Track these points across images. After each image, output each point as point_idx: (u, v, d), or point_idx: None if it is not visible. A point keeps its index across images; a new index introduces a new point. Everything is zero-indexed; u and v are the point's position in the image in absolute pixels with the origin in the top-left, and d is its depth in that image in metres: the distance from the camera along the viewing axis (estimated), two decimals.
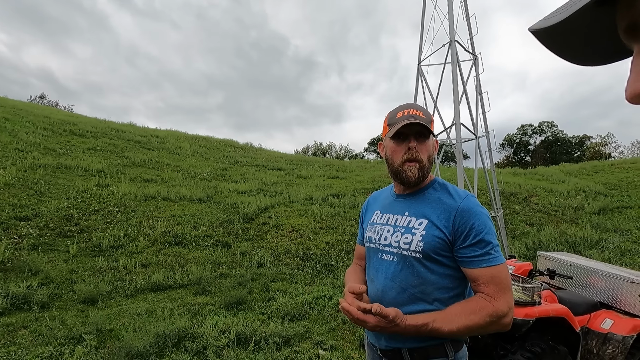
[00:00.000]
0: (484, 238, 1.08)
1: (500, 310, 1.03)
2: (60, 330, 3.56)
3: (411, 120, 1.14)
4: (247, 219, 8.02)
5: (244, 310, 4.48)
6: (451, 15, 8.08)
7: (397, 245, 1.19)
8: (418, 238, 1.14)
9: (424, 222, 1.16)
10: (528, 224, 9.43)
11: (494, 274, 1.06)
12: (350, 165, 16.95)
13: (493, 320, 1.02)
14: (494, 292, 1.05)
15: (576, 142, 37.49)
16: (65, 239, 5.80)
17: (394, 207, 1.28)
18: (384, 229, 1.25)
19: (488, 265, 1.07)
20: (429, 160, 1.20)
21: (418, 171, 1.18)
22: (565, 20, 0.32)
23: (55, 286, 4.55)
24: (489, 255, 1.07)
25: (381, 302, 1.21)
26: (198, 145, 15.53)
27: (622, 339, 2.71)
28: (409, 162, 1.18)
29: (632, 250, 7.32)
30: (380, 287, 1.22)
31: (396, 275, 1.18)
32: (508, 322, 1.05)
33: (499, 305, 1.03)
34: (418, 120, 1.15)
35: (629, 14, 0.31)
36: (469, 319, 1.03)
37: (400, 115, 1.20)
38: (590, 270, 3.21)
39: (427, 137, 1.19)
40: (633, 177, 12.80)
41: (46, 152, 9.26)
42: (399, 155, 1.20)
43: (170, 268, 5.56)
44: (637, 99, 0.32)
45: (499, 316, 1.03)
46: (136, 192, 8.12)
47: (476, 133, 8.33)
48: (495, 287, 1.05)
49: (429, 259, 1.13)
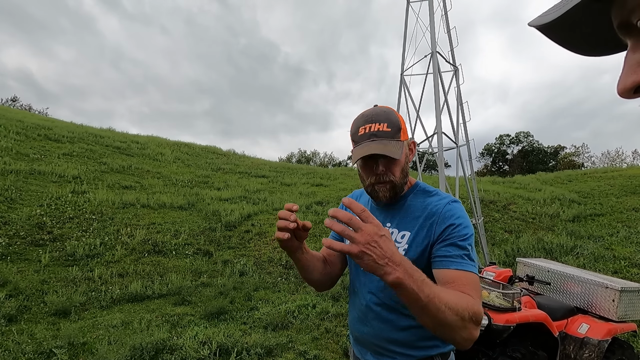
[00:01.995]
0: (464, 242, 1.01)
1: (480, 316, 0.89)
2: (29, 344, 3.37)
3: (373, 148, 1.03)
4: (230, 227, 7.89)
5: (225, 320, 4.38)
6: (432, 27, 8.30)
7: None
8: (401, 252, 1.03)
9: (407, 234, 1.09)
10: (507, 231, 9.67)
11: (474, 280, 0.97)
12: (334, 172, 17.01)
13: (472, 320, 0.87)
14: (476, 296, 0.93)
15: (551, 152, 38.96)
16: (37, 248, 5.53)
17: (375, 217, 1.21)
18: None
19: (467, 270, 0.97)
20: (402, 174, 1.11)
21: (390, 191, 1.10)
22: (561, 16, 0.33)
23: (25, 298, 4.33)
24: (465, 259, 0.99)
25: (365, 316, 1.15)
26: (180, 151, 15.26)
27: (598, 343, 2.78)
28: (378, 184, 1.10)
29: (605, 256, 7.60)
30: (365, 302, 1.16)
31: (379, 290, 1.12)
32: (476, 335, 0.90)
33: (480, 310, 0.91)
34: (380, 146, 1.03)
35: (620, 12, 0.31)
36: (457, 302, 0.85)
37: (362, 132, 1.07)
38: (567, 276, 3.30)
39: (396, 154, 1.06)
40: (604, 186, 13.37)
41: (18, 157, 8.88)
42: (367, 176, 1.12)
43: (148, 277, 5.38)
44: (628, 93, 0.32)
45: (477, 321, 0.88)
46: (114, 199, 7.87)
47: (457, 142, 8.53)
48: (475, 292, 0.94)
49: None
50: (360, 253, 0.75)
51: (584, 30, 0.35)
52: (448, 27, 9.09)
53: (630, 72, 0.31)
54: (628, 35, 0.32)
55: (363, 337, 1.18)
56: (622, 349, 3.03)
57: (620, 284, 3.09)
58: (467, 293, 0.92)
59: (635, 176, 13.69)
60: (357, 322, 1.20)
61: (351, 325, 1.25)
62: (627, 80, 0.31)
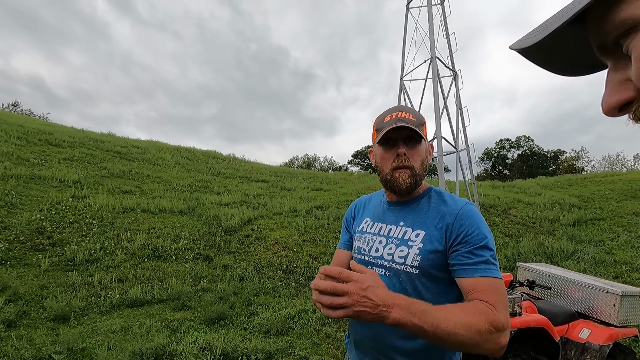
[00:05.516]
0: (485, 245, 0.98)
1: (501, 323, 0.87)
2: (28, 350, 3.35)
3: (398, 124, 1.05)
4: (230, 232, 7.87)
5: (225, 325, 4.36)
6: (432, 33, 8.36)
7: (390, 259, 1.08)
8: (415, 251, 1.04)
9: (421, 233, 1.06)
10: (507, 236, 9.65)
11: (494, 285, 0.94)
12: (334, 177, 17.02)
13: (492, 330, 0.85)
14: (495, 302, 0.90)
15: (551, 156, 39.01)
16: (37, 253, 5.53)
17: (386, 216, 1.17)
18: (375, 240, 1.15)
19: (487, 276, 0.94)
20: (422, 167, 1.10)
21: (410, 178, 1.07)
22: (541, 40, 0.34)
23: (24, 303, 4.31)
24: (487, 264, 0.96)
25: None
26: (180, 156, 15.28)
27: (599, 348, 2.77)
28: (399, 170, 1.08)
29: (606, 260, 7.58)
30: None
31: None
32: (504, 342, 0.88)
33: (500, 316, 0.87)
34: (406, 124, 1.05)
35: (597, 35, 0.33)
36: (468, 318, 0.84)
37: (388, 119, 1.09)
38: (568, 281, 3.30)
39: (418, 141, 1.09)
40: (604, 190, 13.37)
41: (19, 162, 8.90)
42: (388, 162, 1.10)
43: (148, 282, 5.37)
44: (613, 111, 0.33)
45: (499, 328, 0.86)
46: (114, 203, 7.87)
47: (457, 146, 8.55)
48: (496, 297, 0.91)
49: (426, 275, 1.03)
50: (355, 313, 0.77)
51: (563, 52, 0.36)
52: (447, 32, 9.16)
53: (613, 91, 0.33)
54: (607, 57, 0.34)
55: (363, 340, 1.16)
56: (624, 354, 3.01)
57: (621, 288, 3.08)
58: (485, 300, 0.91)
59: (636, 180, 13.69)
60: (357, 324, 1.18)
61: (351, 328, 1.23)
62: (611, 100, 0.33)
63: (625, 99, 0.32)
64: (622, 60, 0.32)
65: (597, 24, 0.32)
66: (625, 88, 0.32)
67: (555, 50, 0.36)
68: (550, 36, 0.33)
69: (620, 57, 0.32)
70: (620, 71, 0.32)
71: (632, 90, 0.31)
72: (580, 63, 0.38)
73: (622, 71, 0.32)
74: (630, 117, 0.33)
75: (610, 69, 0.34)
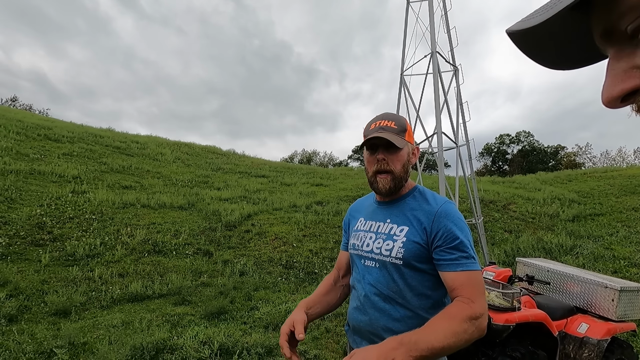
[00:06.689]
0: (461, 242, 1.10)
1: (478, 312, 1.02)
2: (30, 344, 3.37)
3: (378, 134, 1.17)
4: (230, 227, 7.89)
5: (225, 320, 4.38)
6: (432, 27, 8.30)
7: (378, 252, 1.21)
8: (399, 245, 1.16)
9: (405, 229, 1.18)
10: (507, 231, 9.67)
11: (470, 277, 1.08)
12: (334, 172, 17.02)
13: (472, 322, 1.00)
14: (472, 294, 1.05)
15: (551, 151, 38.95)
16: (37, 248, 5.54)
17: (376, 215, 1.30)
18: (366, 236, 1.27)
19: (464, 270, 1.08)
20: (403, 169, 1.21)
21: (390, 182, 1.20)
22: (543, 22, 0.33)
23: (25, 298, 4.33)
24: (465, 260, 1.09)
25: (363, 305, 1.24)
26: (180, 151, 15.26)
27: (597, 343, 2.79)
28: (380, 174, 1.21)
29: (605, 256, 7.61)
30: (363, 293, 1.24)
31: (378, 281, 1.20)
32: (484, 326, 1.03)
33: (476, 307, 1.02)
34: (384, 134, 1.16)
35: (603, 20, 0.31)
36: (451, 324, 0.98)
37: (372, 126, 1.22)
38: (566, 276, 3.31)
39: (397, 148, 1.19)
40: (604, 185, 13.37)
41: (18, 157, 8.89)
42: (371, 166, 1.23)
43: (149, 277, 5.39)
44: (613, 103, 0.32)
45: (477, 317, 1.01)
46: (114, 199, 7.87)
47: (457, 142, 8.53)
48: (471, 289, 1.06)
49: (409, 265, 1.15)
50: None
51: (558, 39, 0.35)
52: (448, 27, 9.09)
53: (617, 80, 0.31)
54: (610, 44, 0.32)
55: (360, 325, 1.25)
56: (622, 349, 3.03)
57: (620, 283, 3.09)
58: (465, 295, 1.05)
59: (635, 176, 13.69)
60: (355, 312, 1.28)
61: (350, 316, 1.32)
62: (613, 89, 0.32)
63: (630, 88, 0.31)
64: (627, 48, 0.31)
65: (606, 6, 0.31)
66: (631, 76, 0.31)
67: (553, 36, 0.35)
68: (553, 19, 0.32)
69: (624, 45, 0.31)
70: (625, 59, 0.31)
71: (637, 79, 0.30)
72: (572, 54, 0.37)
73: (627, 59, 0.31)
74: (634, 109, 0.32)
75: (612, 58, 0.33)
